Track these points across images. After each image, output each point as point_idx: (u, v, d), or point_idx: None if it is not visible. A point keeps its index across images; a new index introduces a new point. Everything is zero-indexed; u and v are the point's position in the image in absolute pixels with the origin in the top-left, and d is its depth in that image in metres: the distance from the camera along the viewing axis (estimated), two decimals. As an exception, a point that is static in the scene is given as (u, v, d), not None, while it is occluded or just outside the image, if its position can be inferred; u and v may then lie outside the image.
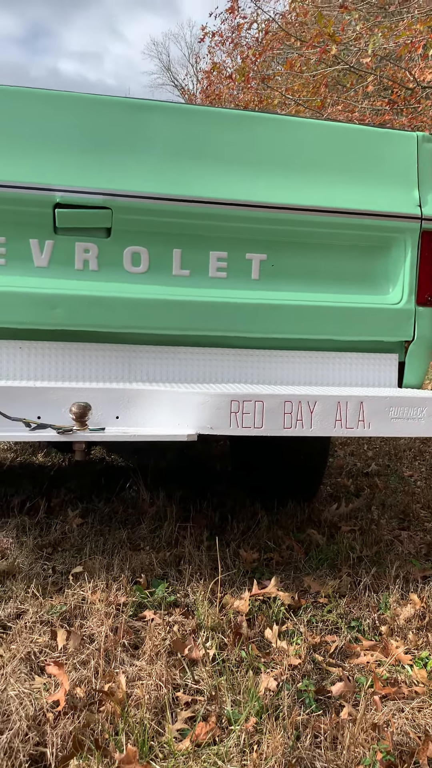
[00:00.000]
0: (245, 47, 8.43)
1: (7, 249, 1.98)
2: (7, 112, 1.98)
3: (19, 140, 1.98)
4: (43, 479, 3.17)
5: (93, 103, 2.07)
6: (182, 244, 2.09)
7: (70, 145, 2.02)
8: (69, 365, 2.08)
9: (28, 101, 2.01)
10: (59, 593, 2.00)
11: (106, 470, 3.47)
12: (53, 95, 2.03)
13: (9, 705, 1.45)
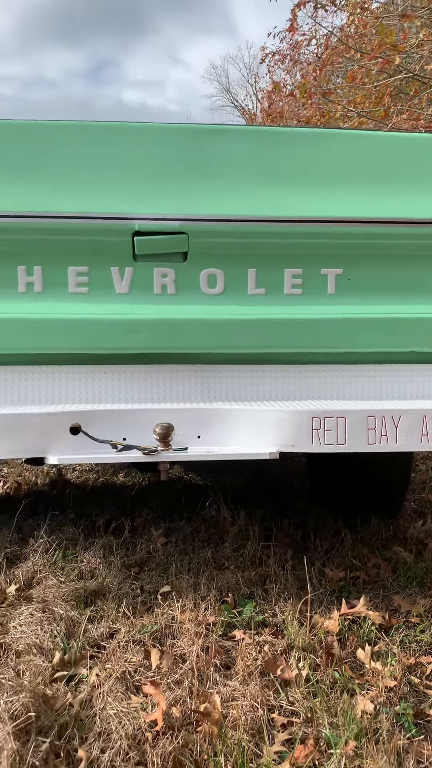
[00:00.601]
0: (305, 63, 8.47)
1: (90, 278, 2.05)
2: (86, 148, 2.07)
3: (98, 172, 2.06)
4: (126, 499, 3.24)
5: (165, 131, 2.13)
6: (257, 264, 2.11)
7: (145, 174, 2.08)
8: (151, 387, 2.12)
9: (105, 135, 2.09)
10: (149, 612, 2.03)
11: (184, 489, 3.50)
12: (127, 127, 2.11)
13: (109, 723, 1.48)
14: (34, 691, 1.51)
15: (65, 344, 2.03)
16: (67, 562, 2.39)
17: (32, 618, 1.90)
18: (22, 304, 2.03)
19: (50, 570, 2.30)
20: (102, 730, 1.47)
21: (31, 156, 2.04)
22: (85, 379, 2.09)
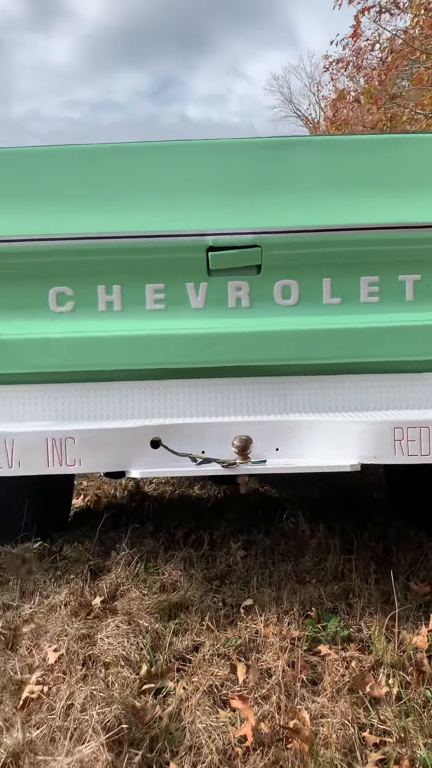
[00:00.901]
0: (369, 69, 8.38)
1: (166, 294, 2.09)
2: (158, 168, 2.11)
3: (170, 191, 2.10)
4: (202, 512, 3.26)
5: (234, 146, 2.16)
6: (331, 273, 2.09)
7: (216, 190, 2.11)
8: (228, 400, 2.13)
9: (175, 154, 2.13)
10: (232, 626, 2.02)
11: (261, 502, 3.49)
12: (195, 145, 2.14)
13: (199, 737, 1.48)
14: (124, 703, 1.53)
15: (144, 360, 2.08)
16: (148, 574, 2.42)
17: (118, 630, 1.93)
18: (102, 322, 2.09)
19: (133, 582, 2.33)
20: (192, 743, 1.48)
21: (104, 179, 2.10)
22: (163, 394, 2.13)
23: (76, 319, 2.09)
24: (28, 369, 2.08)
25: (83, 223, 2.03)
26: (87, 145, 2.12)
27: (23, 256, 2.02)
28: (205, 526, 2.92)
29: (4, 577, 2.44)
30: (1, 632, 2.00)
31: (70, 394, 2.10)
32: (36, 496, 2.81)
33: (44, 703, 1.61)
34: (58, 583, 2.36)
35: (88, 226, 2.02)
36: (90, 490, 3.86)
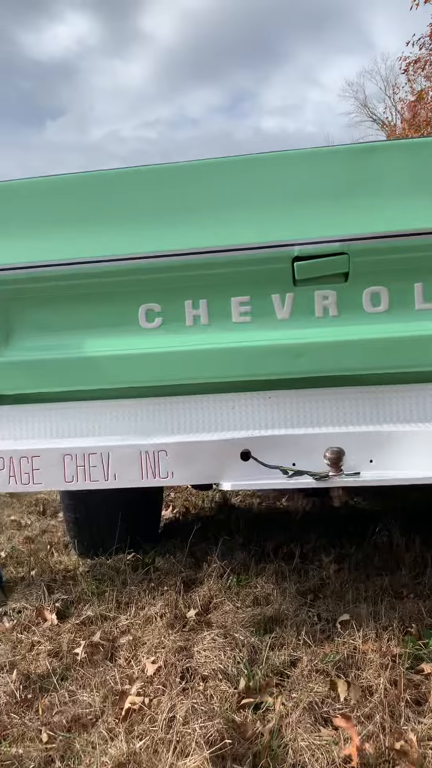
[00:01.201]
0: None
1: (252, 306, 2.09)
2: (240, 182, 2.12)
3: (253, 203, 2.10)
4: (291, 524, 3.22)
5: (316, 155, 2.14)
6: (423, 277, 2.03)
7: (300, 200, 2.09)
8: (318, 411, 2.10)
9: (256, 167, 2.14)
10: (329, 641, 1.98)
11: (351, 514, 3.41)
12: (280, 156, 2.14)
13: (302, 756, 1.46)
14: (225, 717, 1.52)
15: (231, 372, 2.08)
16: (241, 587, 2.41)
17: (215, 643, 1.93)
18: (189, 336, 2.11)
19: (226, 595, 2.33)
20: (295, 762, 1.45)
21: (187, 196, 2.13)
22: (252, 405, 2.12)
23: (165, 335, 2.12)
24: (119, 384, 2.13)
25: (170, 240, 2.06)
26: (168, 164, 2.17)
27: (114, 275, 2.07)
28: (295, 539, 2.88)
29: (101, 588, 2.50)
30: (100, 643, 2.05)
31: (160, 408, 2.14)
32: (129, 509, 2.87)
33: (146, 714, 1.62)
34: (153, 595, 2.39)
35: (174, 243, 2.05)
36: (178, 502, 3.91)
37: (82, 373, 2.13)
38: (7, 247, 2.12)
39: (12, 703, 1.76)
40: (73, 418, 2.17)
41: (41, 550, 3.15)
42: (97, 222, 2.13)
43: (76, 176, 2.16)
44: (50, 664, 1.94)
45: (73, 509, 2.87)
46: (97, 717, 1.67)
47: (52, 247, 2.10)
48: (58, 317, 2.17)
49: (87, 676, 1.87)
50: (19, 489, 1.99)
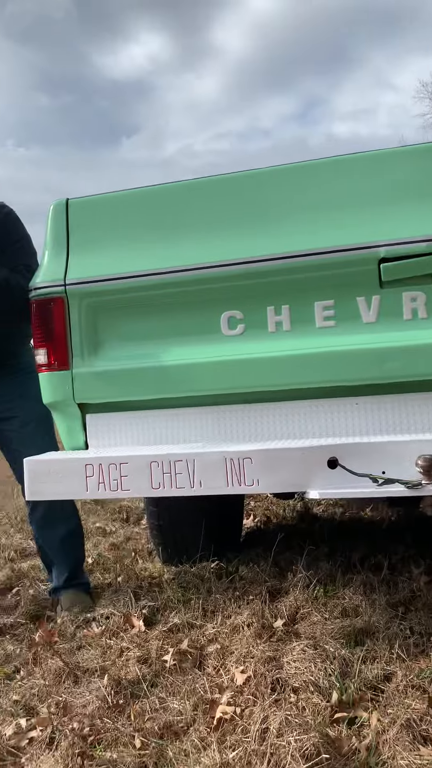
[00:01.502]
0: None
1: (336, 311, 2.05)
2: (322, 184, 2.10)
3: (336, 205, 2.07)
4: (377, 534, 3.13)
5: (397, 155, 2.10)
6: None
7: (385, 201, 2.04)
8: (407, 417, 2.03)
9: (337, 169, 2.11)
10: (424, 656, 1.90)
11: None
12: (360, 158, 2.10)
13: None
14: (320, 731, 1.48)
15: (315, 378, 2.05)
16: (328, 598, 2.36)
17: (304, 654, 1.89)
18: (272, 343, 2.09)
19: (313, 606, 2.29)
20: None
21: (268, 202, 2.13)
22: (338, 412, 2.08)
23: (247, 342, 2.12)
24: (203, 392, 2.14)
25: (252, 247, 2.06)
26: (250, 171, 2.17)
27: (197, 284, 2.09)
28: (382, 550, 2.80)
29: (186, 596, 2.51)
30: (188, 651, 2.05)
31: (244, 415, 2.13)
32: (211, 517, 2.88)
33: (238, 724, 1.61)
34: (238, 604, 2.37)
35: (256, 249, 2.05)
36: (258, 511, 3.88)
37: (166, 382, 2.15)
38: (95, 260, 2.18)
39: (104, 707, 1.78)
40: (159, 426, 2.20)
41: (126, 557, 3.20)
42: (179, 232, 2.16)
43: (160, 187, 2.20)
44: (140, 671, 1.96)
45: (156, 516, 2.90)
46: (188, 725, 1.66)
47: (138, 258, 2.15)
48: (143, 327, 2.20)
49: (176, 684, 1.87)
50: (108, 495, 2.02)
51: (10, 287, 2.38)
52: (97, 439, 2.25)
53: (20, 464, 2.54)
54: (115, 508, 4.34)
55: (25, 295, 2.29)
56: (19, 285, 2.37)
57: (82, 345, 2.21)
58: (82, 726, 1.69)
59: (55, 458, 2.06)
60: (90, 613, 2.48)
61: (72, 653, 2.14)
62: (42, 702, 1.87)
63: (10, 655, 2.19)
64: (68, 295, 2.18)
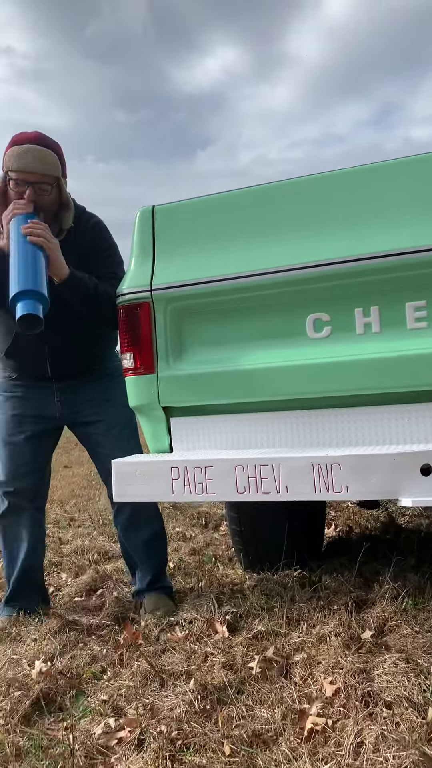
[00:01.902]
0: None
1: (429, 312, 1.97)
2: (415, 182, 2.03)
3: (428, 203, 2.00)
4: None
5: None
6: None
7: None
8: None
9: (421, 167, 2.04)
10: None
11: None
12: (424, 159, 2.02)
13: None
14: (419, 749, 1.42)
15: (407, 382, 1.98)
16: (418, 611, 2.27)
17: (396, 668, 1.82)
18: (360, 345, 2.04)
19: (402, 618, 2.20)
20: None
21: (357, 202, 2.08)
22: (429, 417, 2.00)
23: (334, 344, 2.07)
24: (288, 395, 2.11)
25: (339, 247, 2.02)
26: (335, 171, 2.13)
27: (282, 286, 2.07)
28: None
29: (269, 604, 2.47)
30: (274, 659, 2.01)
31: (331, 419, 2.08)
32: (293, 524, 2.83)
33: (330, 736, 1.56)
34: (323, 613, 2.32)
35: (344, 250, 2.01)
36: (340, 520, 3.80)
37: (251, 385, 2.14)
38: (180, 265, 2.20)
39: (191, 712, 1.77)
40: (243, 430, 2.18)
41: (207, 562, 3.20)
42: (264, 234, 2.15)
43: (244, 191, 2.20)
44: (225, 677, 1.93)
45: (237, 522, 2.88)
46: (277, 734, 1.63)
47: (223, 262, 2.15)
48: (227, 330, 2.20)
49: (263, 692, 1.84)
50: (193, 498, 2.02)
51: (99, 296, 2.43)
52: (182, 442, 2.26)
53: (106, 467, 2.60)
54: (194, 514, 4.35)
55: (113, 303, 2.34)
56: (106, 293, 2.43)
57: (167, 349, 2.23)
58: (170, 729, 1.68)
59: (142, 460, 2.08)
60: (173, 616, 2.49)
61: (157, 656, 2.15)
62: (129, 703, 1.87)
63: (97, 655, 2.22)
64: (154, 300, 2.21)
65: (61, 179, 2.44)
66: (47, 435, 2.68)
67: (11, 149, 2.35)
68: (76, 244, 2.52)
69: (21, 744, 1.70)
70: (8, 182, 2.38)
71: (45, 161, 2.35)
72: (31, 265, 2.24)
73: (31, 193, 2.36)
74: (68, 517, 4.78)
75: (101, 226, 2.64)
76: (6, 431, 2.62)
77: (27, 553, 2.61)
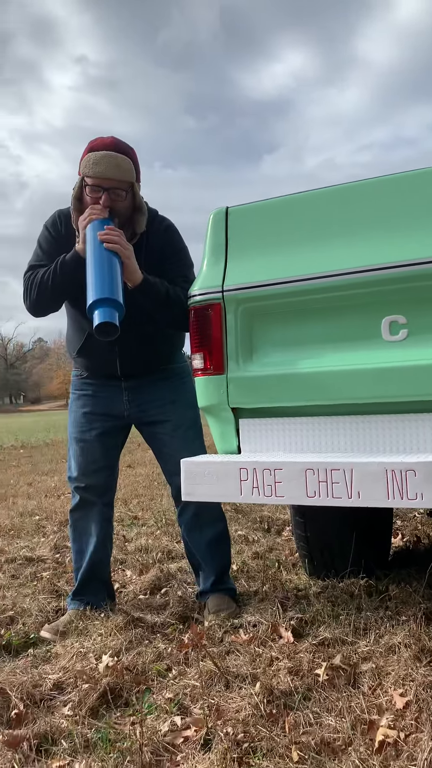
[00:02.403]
0: None
1: None
2: None
3: None
4: None
5: None
6: None
7: None
8: None
9: None
10: None
11: None
12: None
13: None
14: None
15: None
16: None
17: None
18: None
19: None
20: None
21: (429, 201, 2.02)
22: None
23: (410, 348, 2.02)
24: (360, 399, 2.07)
25: (417, 248, 1.97)
26: (409, 172, 2.08)
27: (357, 288, 2.03)
28: None
29: (335, 611, 2.43)
30: (341, 667, 1.98)
31: (407, 424, 2.03)
32: (360, 531, 2.78)
33: (402, 750, 1.51)
34: (391, 623, 2.26)
35: (423, 251, 1.96)
36: (407, 530, 3.70)
37: (321, 388, 2.11)
38: (252, 266, 2.20)
39: (257, 715, 1.75)
40: (313, 433, 2.16)
41: (270, 566, 3.18)
42: (338, 234, 2.12)
43: (316, 192, 2.18)
44: (291, 682, 1.91)
45: (303, 527, 2.85)
46: (346, 744, 1.59)
47: (295, 263, 2.13)
48: (297, 332, 2.18)
49: (330, 700, 1.81)
50: (261, 500, 2.01)
51: (170, 300, 2.46)
52: (250, 443, 2.26)
53: (171, 466, 2.63)
54: (257, 518, 4.34)
55: (183, 307, 2.36)
56: (178, 297, 2.45)
57: (237, 350, 2.23)
58: (237, 731, 1.67)
59: (211, 461, 2.09)
60: (237, 618, 2.48)
61: (221, 657, 2.14)
62: (194, 702, 1.88)
63: (162, 653, 2.23)
64: (225, 301, 2.21)
65: (136, 184, 2.48)
66: (116, 433, 2.72)
67: (88, 155, 2.40)
68: (149, 246, 2.55)
69: (89, 736, 1.73)
70: (84, 187, 2.44)
71: (120, 167, 2.39)
72: (107, 273, 2.28)
73: (106, 198, 2.41)
74: (132, 515, 4.84)
75: (173, 229, 2.67)
76: (78, 428, 2.68)
77: (96, 547, 2.66)
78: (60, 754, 1.66)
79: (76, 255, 2.40)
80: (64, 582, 3.17)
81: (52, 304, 2.55)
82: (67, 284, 2.45)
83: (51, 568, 3.46)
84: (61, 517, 4.92)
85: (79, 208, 2.47)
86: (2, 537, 4.34)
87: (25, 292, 2.55)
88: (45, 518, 4.96)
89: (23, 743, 1.69)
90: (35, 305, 2.54)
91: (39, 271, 2.50)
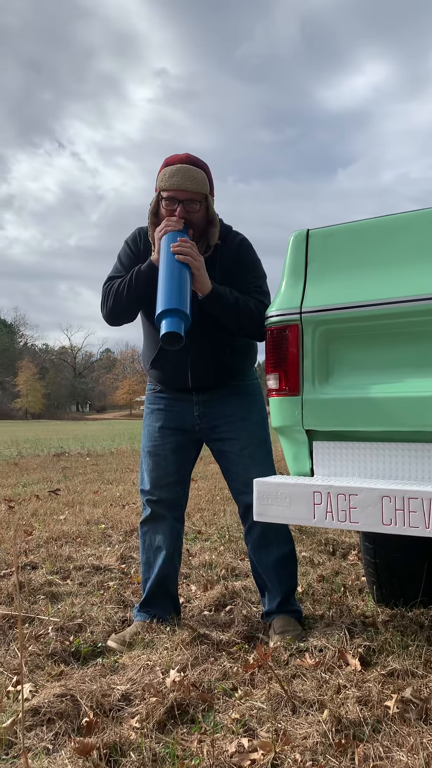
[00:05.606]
0: None
1: None
2: None
3: None
4: None
5: None
6: None
7: None
8: None
9: None
10: None
11: None
12: None
13: None
14: None
15: None
16: None
17: None
18: None
19: None
20: None
21: None
22: None
23: None
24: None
25: None
26: None
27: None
28: None
29: (405, 642, 2.37)
30: (412, 700, 1.93)
31: None
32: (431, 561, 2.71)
33: None
34: (464, 659, 2.19)
35: None
36: None
37: (398, 414, 2.08)
38: (331, 289, 2.20)
39: (325, 744, 1.73)
40: (388, 459, 2.12)
41: (336, 591, 3.13)
42: (419, 260, 2.09)
43: (398, 217, 2.16)
44: (360, 712, 1.88)
45: (372, 553, 2.80)
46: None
47: (375, 286, 2.12)
48: (375, 356, 2.16)
49: (401, 734, 1.77)
50: (334, 525, 2.00)
51: (239, 308, 2.50)
52: (324, 467, 2.24)
53: (239, 485, 2.64)
54: (321, 540, 4.29)
55: (253, 316, 2.39)
56: (247, 306, 2.49)
57: (313, 372, 2.23)
58: (305, 759, 1.66)
59: (285, 482, 2.09)
60: (302, 642, 2.46)
61: (287, 680, 2.13)
62: (261, 725, 1.87)
63: (227, 672, 2.23)
64: (303, 323, 2.22)
65: (209, 197, 2.54)
66: (189, 447, 2.76)
67: (164, 170, 2.49)
68: (223, 260, 2.60)
69: (157, 750, 1.75)
70: (161, 201, 2.51)
71: (194, 179, 2.46)
72: (176, 283, 2.34)
73: (181, 210, 2.48)
74: (195, 529, 4.88)
75: (246, 244, 2.71)
76: (151, 442, 2.73)
77: (165, 561, 2.70)
78: (129, 766, 1.69)
79: (150, 265, 2.49)
80: (131, 593, 3.23)
81: (127, 313, 2.63)
82: (142, 294, 2.53)
83: (117, 578, 3.52)
84: (126, 526, 5.00)
85: (155, 222, 2.56)
86: (70, 544, 4.45)
87: (102, 301, 2.64)
88: (111, 527, 5.06)
89: (93, 752, 1.73)
90: (111, 313, 2.63)
91: (116, 282, 2.59)
